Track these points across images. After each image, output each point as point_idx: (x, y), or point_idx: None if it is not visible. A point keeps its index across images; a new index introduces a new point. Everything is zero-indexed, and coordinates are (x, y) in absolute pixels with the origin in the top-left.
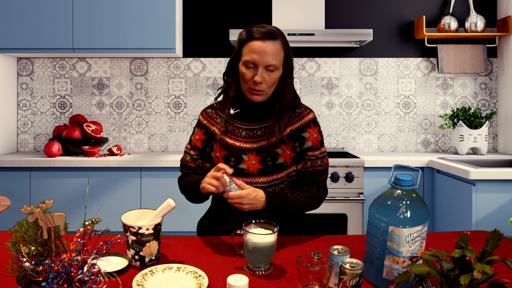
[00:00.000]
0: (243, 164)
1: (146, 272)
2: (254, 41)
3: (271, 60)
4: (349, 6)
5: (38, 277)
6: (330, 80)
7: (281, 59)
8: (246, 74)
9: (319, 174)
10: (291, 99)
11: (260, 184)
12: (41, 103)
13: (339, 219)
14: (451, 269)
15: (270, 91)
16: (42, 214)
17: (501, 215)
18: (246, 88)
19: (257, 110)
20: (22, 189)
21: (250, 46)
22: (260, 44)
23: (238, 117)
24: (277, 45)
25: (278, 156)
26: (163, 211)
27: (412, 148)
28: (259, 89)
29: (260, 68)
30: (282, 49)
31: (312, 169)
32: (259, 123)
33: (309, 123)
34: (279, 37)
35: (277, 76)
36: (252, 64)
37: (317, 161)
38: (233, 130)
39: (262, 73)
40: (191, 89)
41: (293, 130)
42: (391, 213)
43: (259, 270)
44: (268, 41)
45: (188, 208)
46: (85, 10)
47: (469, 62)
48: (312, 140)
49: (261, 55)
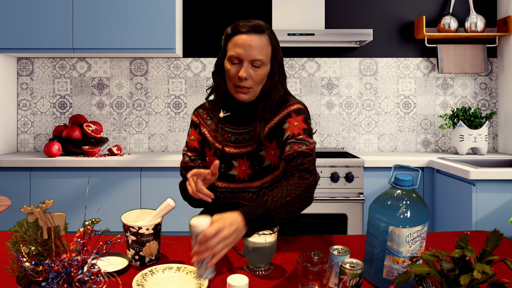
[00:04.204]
0: (234, 171)
1: (146, 272)
2: (239, 35)
3: (256, 54)
4: (349, 6)
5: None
6: (330, 80)
7: (268, 54)
8: (230, 70)
9: (302, 156)
10: (276, 100)
11: (253, 189)
12: (41, 103)
13: (339, 219)
14: (451, 269)
15: (257, 89)
16: (42, 214)
17: (501, 215)
18: (231, 85)
19: (245, 112)
20: (22, 189)
21: (235, 40)
22: (245, 38)
23: (227, 120)
24: (263, 39)
25: (263, 159)
26: (163, 211)
27: (412, 148)
28: (244, 86)
29: (245, 63)
30: (269, 44)
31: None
32: (247, 127)
33: (290, 113)
34: (266, 31)
35: (264, 73)
36: (236, 59)
37: (300, 145)
38: (223, 135)
39: (247, 68)
40: (191, 89)
41: (271, 127)
42: (391, 213)
43: (259, 270)
44: (254, 34)
45: (188, 208)
46: (85, 10)
47: (469, 62)
48: (292, 128)
49: (246, 49)
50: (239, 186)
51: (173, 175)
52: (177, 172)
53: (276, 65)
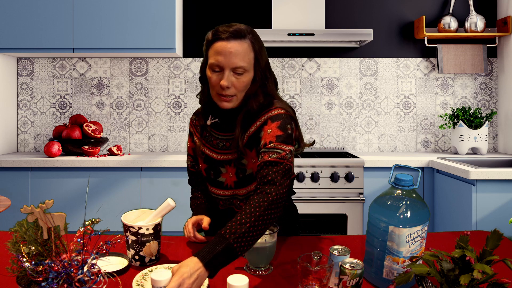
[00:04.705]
0: (222, 177)
1: (146, 272)
2: (219, 41)
3: (237, 61)
4: (349, 6)
5: (38, 277)
6: (330, 80)
7: (250, 61)
8: (212, 78)
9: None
10: (253, 108)
11: (240, 196)
12: (41, 103)
13: (339, 219)
14: (451, 269)
15: (241, 96)
16: (42, 214)
17: (501, 215)
18: (214, 93)
19: (230, 118)
20: (22, 189)
21: (215, 47)
22: (224, 45)
23: (216, 126)
24: (244, 45)
25: (245, 167)
26: (163, 211)
27: (412, 148)
28: (227, 94)
29: (226, 71)
30: (251, 49)
31: (261, 162)
32: (232, 133)
33: (266, 120)
34: (247, 36)
35: (248, 80)
36: (217, 67)
37: (270, 153)
38: (212, 141)
39: (229, 76)
40: (191, 89)
41: (250, 135)
42: (391, 213)
43: (259, 270)
44: (234, 41)
45: (188, 208)
46: (85, 10)
47: (469, 62)
48: (265, 137)
49: (226, 56)
50: (227, 193)
51: (173, 175)
52: (177, 172)
53: (258, 71)
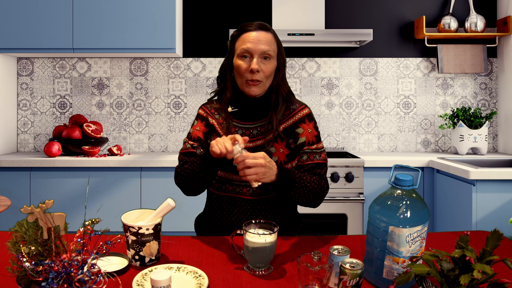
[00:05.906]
0: None
1: (146, 272)
2: (247, 32)
3: (265, 47)
4: (349, 6)
5: (38, 277)
6: (330, 80)
7: (275, 49)
8: (241, 66)
9: (318, 168)
10: (286, 93)
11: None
12: (41, 103)
13: (339, 219)
14: (451, 269)
15: (267, 83)
16: (42, 214)
17: (501, 215)
18: (243, 81)
19: (254, 107)
20: (22, 189)
21: (244, 37)
22: (254, 34)
23: (235, 115)
24: (269, 36)
25: (272, 155)
26: (163, 211)
27: (412, 148)
28: (256, 79)
29: (255, 56)
30: (275, 40)
31: (310, 163)
32: (255, 122)
33: (303, 118)
34: (270, 29)
35: (273, 66)
36: (247, 53)
37: (315, 155)
38: (230, 130)
39: (258, 61)
40: (191, 89)
41: (286, 127)
42: (391, 213)
43: (259, 270)
44: (261, 31)
45: (187, 208)
46: (85, 10)
47: (469, 62)
48: (307, 135)
49: (255, 43)
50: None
51: (173, 175)
52: None
53: (281, 61)
